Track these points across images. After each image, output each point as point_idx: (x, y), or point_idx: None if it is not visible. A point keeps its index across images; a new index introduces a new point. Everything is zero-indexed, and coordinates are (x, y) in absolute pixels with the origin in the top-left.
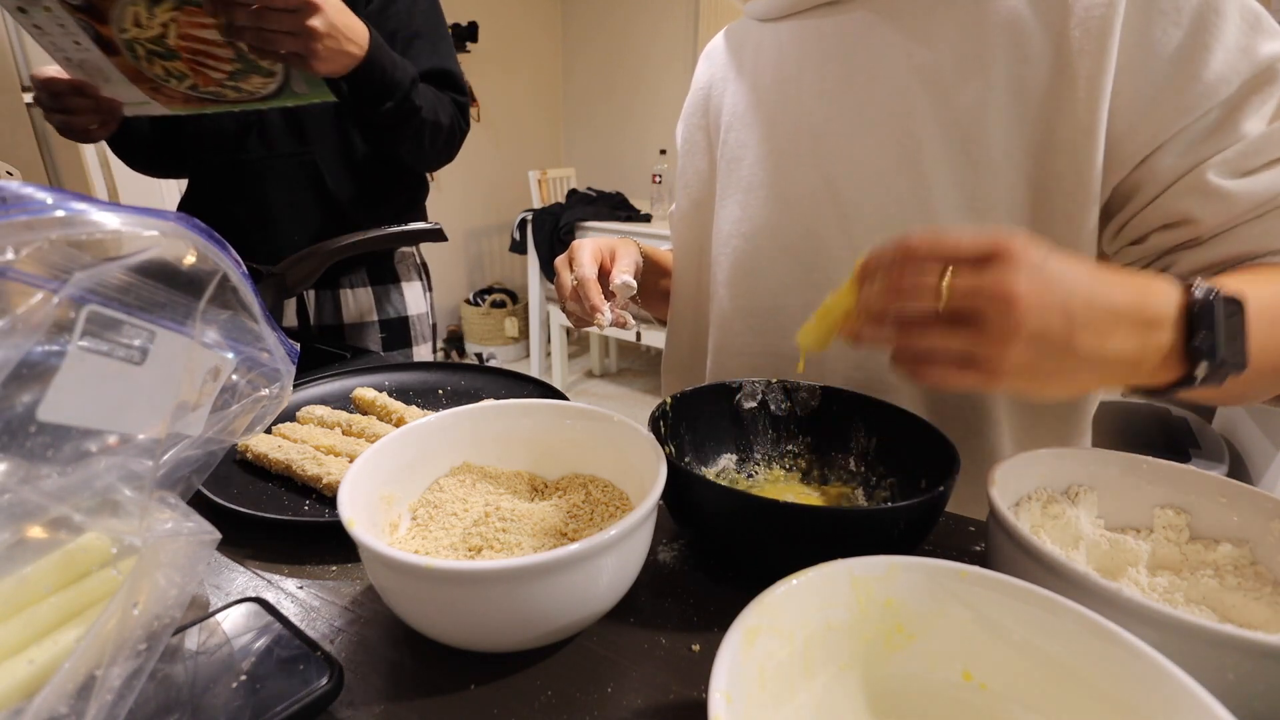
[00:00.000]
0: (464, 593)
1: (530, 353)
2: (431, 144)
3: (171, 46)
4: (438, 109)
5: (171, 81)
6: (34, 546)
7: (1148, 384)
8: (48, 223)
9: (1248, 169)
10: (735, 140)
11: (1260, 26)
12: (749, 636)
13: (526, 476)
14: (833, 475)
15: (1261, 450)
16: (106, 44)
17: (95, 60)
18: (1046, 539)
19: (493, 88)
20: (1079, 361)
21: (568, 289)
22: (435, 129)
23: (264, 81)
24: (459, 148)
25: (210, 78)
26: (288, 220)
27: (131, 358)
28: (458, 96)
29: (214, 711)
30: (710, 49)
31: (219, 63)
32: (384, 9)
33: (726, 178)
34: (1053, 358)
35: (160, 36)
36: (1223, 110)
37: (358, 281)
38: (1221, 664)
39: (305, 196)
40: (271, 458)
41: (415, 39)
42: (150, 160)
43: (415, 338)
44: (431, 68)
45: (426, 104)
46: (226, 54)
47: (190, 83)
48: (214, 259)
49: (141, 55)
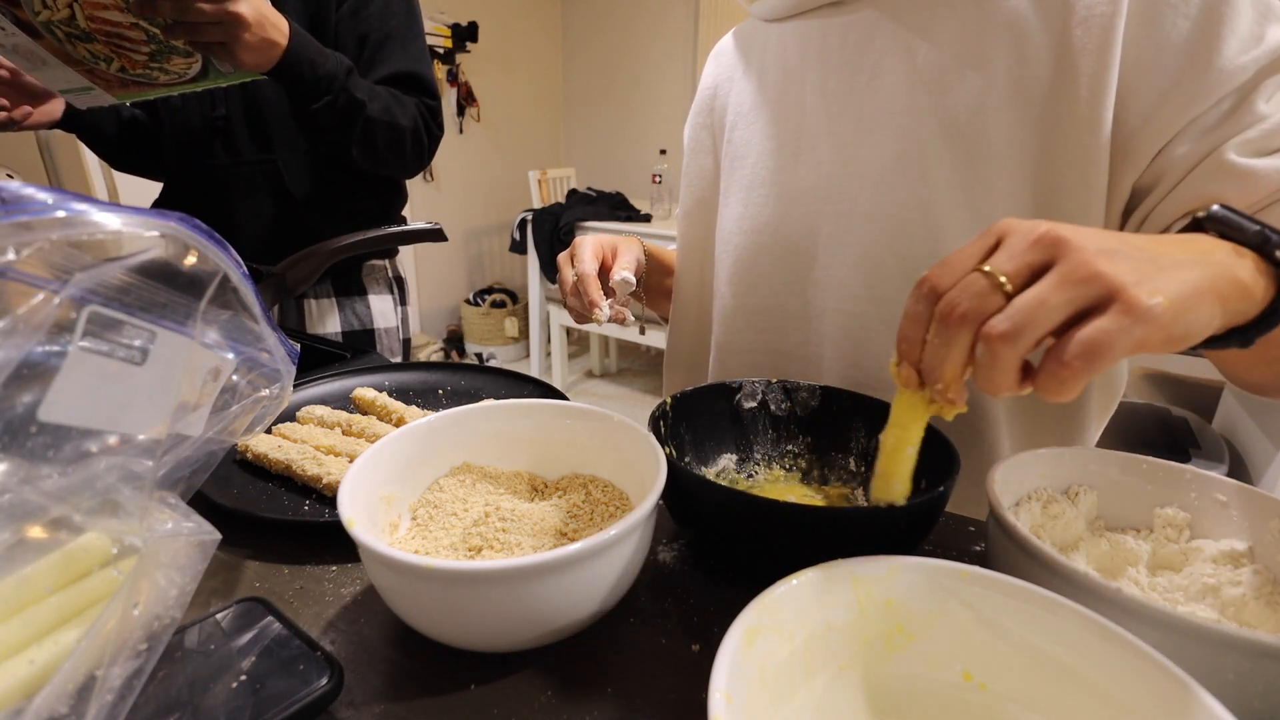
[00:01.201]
0: (464, 593)
1: (530, 353)
2: (388, 147)
3: (84, 29)
4: (394, 109)
5: (100, 64)
6: (34, 546)
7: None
8: (49, 223)
9: (1271, 149)
10: (739, 139)
11: (1272, 13)
12: (749, 636)
13: (526, 476)
14: (833, 475)
15: (1261, 450)
16: (29, 28)
17: (26, 44)
18: (1046, 539)
19: (493, 88)
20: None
21: (569, 284)
22: (390, 130)
23: (186, 63)
24: (429, 155)
25: (134, 60)
26: (252, 227)
27: (132, 358)
28: (427, 100)
29: (214, 711)
30: (719, 49)
31: (135, 45)
32: (356, 12)
33: (730, 175)
34: (1143, 258)
35: (70, 19)
36: (1238, 96)
37: (321, 292)
38: (1221, 664)
39: (268, 204)
40: (271, 458)
41: (386, 41)
42: (123, 160)
43: (383, 351)
44: (400, 70)
45: (376, 102)
46: (138, 35)
47: (117, 65)
48: (215, 259)
49: (62, 37)
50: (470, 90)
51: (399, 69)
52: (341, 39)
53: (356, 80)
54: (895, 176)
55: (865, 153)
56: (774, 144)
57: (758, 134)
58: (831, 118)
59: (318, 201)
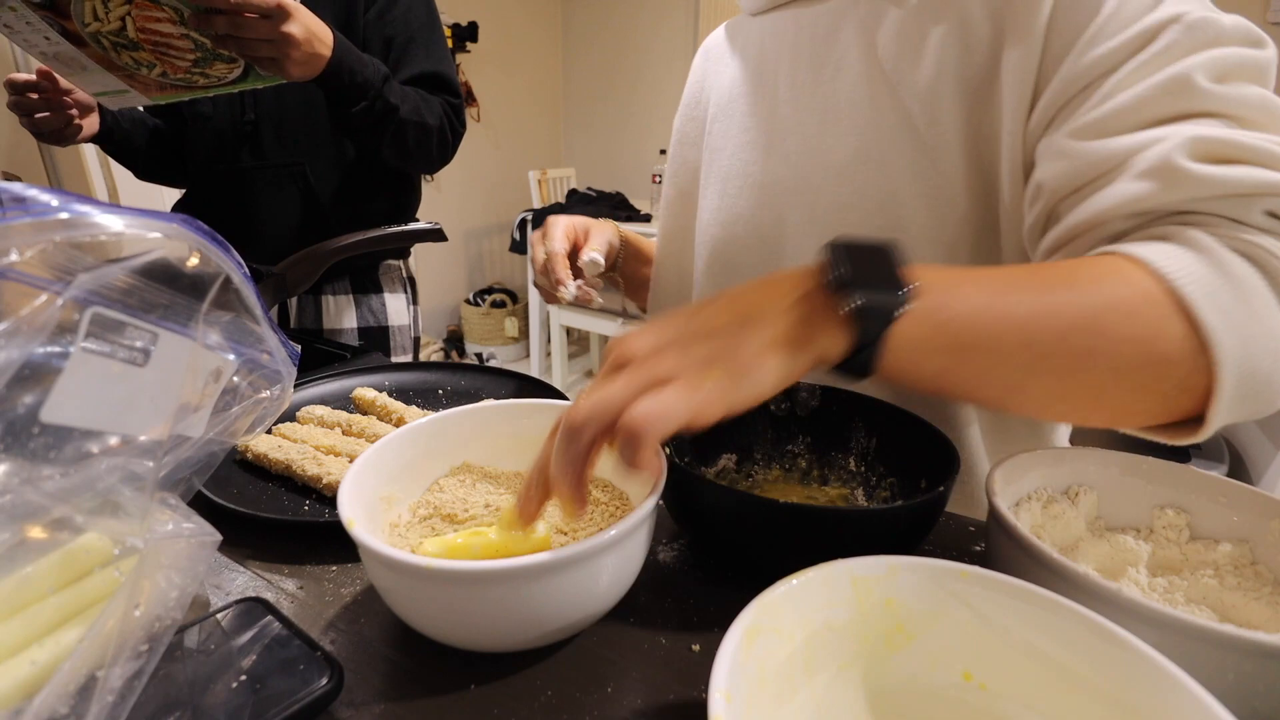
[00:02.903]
0: (464, 593)
1: (530, 353)
2: (417, 145)
3: (133, 38)
4: (422, 110)
5: (142, 70)
6: (35, 547)
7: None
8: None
9: (1109, 132)
10: (718, 131)
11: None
12: (749, 636)
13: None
14: (833, 475)
15: (1261, 450)
16: (74, 38)
17: (69, 52)
18: (1046, 539)
19: (493, 88)
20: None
21: (539, 262)
22: (420, 130)
23: (228, 68)
24: (453, 150)
25: (177, 65)
26: (274, 228)
27: (134, 360)
28: (451, 99)
29: (214, 711)
30: (708, 43)
31: (180, 53)
32: (382, 15)
33: (708, 167)
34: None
35: (120, 29)
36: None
37: (340, 289)
38: (1221, 664)
39: (291, 205)
40: (271, 458)
41: (410, 43)
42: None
43: (395, 348)
44: (425, 70)
45: (407, 104)
46: (185, 45)
47: (159, 70)
48: (216, 261)
49: (108, 47)
50: (470, 90)
51: (424, 69)
52: (369, 42)
53: (392, 85)
54: (857, 167)
55: (829, 143)
56: (748, 136)
57: (734, 126)
58: (799, 109)
59: (339, 201)
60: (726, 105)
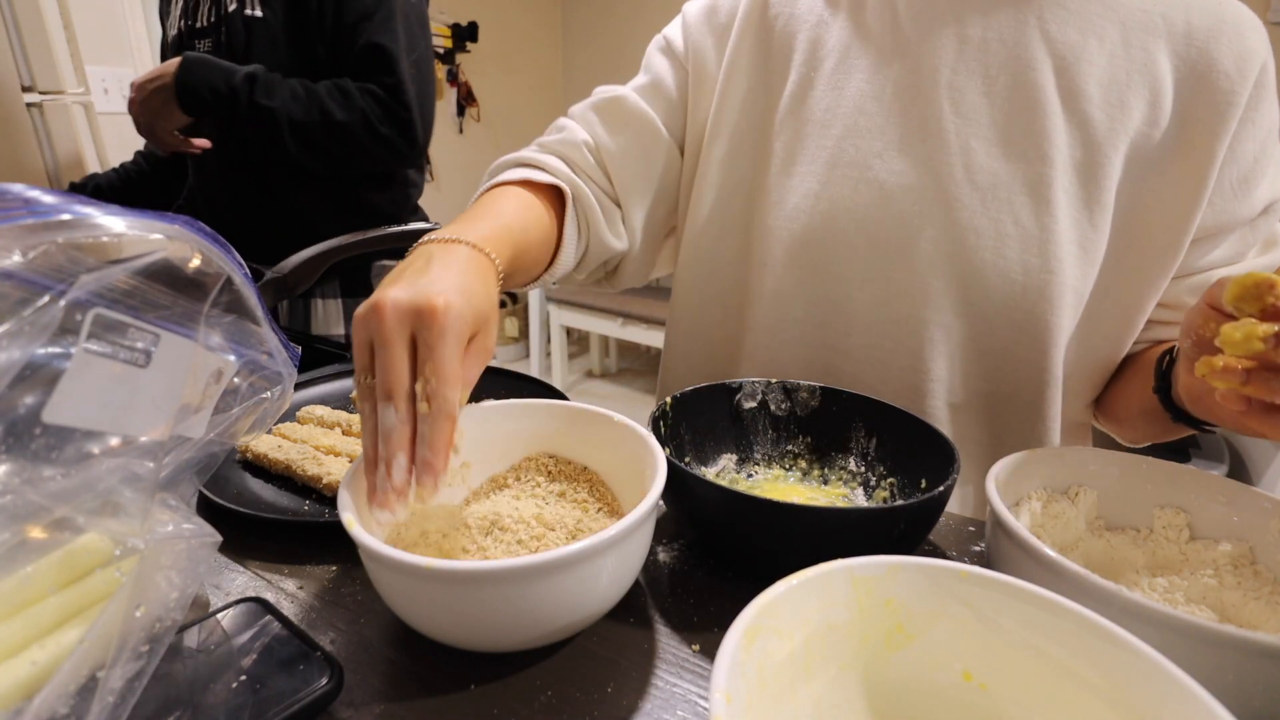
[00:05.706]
0: (464, 593)
1: (530, 353)
2: (335, 144)
3: None
4: (327, 106)
5: None
6: (36, 547)
7: None
8: (54, 226)
9: None
10: (820, 103)
11: None
12: (749, 636)
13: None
14: (833, 475)
15: (1261, 450)
16: None
17: None
18: (1046, 539)
19: (493, 88)
20: None
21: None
22: (327, 128)
23: None
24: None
25: None
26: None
27: (136, 361)
28: (385, 78)
29: (214, 711)
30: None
31: None
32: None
33: (801, 141)
34: None
35: None
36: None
37: (329, 293)
38: (1221, 664)
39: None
40: (272, 458)
41: (363, 20)
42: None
43: None
44: (367, 42)
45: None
46: None
47: None
48: (218, 262)
49: None
50: (470, 90)
51: (367, 40)
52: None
53: (263, 88)
54: (1022, 197)
55: (992, 164)
56: (873, 123)
57: (847, 104)
58: (962, 117)
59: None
60: (835, 75)
